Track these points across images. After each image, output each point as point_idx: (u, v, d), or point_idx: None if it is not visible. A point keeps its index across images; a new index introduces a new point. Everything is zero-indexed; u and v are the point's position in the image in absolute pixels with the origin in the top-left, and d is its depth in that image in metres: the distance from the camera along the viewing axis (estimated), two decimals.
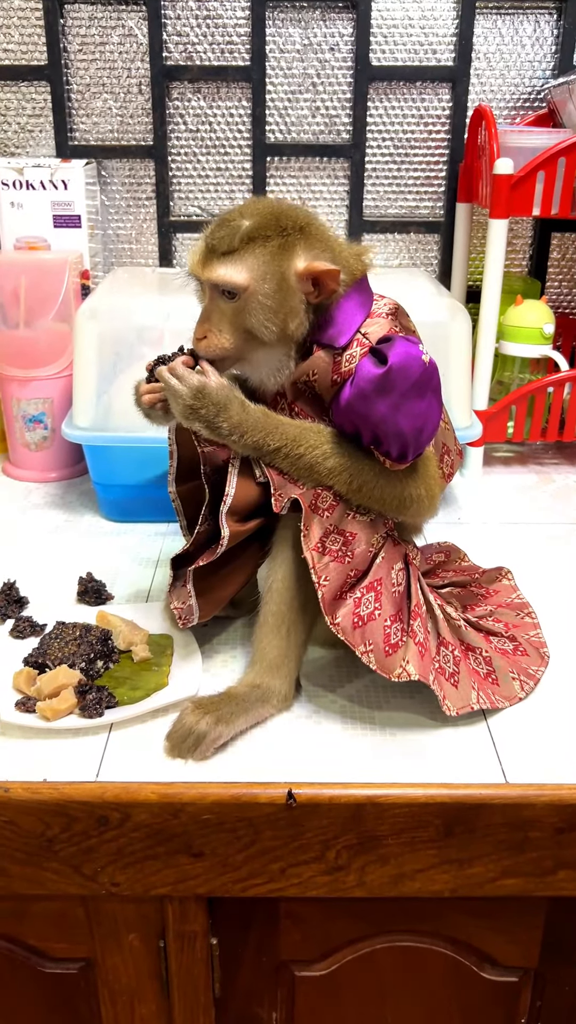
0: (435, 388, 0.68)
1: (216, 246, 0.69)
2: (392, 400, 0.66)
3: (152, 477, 1.03)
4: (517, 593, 0.88)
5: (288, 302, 0.68)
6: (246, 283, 0.68)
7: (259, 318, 0.68)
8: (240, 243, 0.68)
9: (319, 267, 0.68)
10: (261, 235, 0.68)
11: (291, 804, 0.65)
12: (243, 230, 0.68)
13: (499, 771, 0.68)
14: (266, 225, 0.68)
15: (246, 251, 0.68)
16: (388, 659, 0.69)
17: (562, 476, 1.23)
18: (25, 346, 1.14)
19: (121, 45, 1.31)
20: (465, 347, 1.07)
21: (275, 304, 0.68)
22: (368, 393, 0.66)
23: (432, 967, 0.76)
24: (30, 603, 0.88)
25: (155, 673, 0.77)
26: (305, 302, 0.69)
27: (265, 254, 0.68)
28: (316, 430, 0.71)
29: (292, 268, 0.68)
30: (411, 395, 0.66)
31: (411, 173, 1.38)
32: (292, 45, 1.31)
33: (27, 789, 0.65)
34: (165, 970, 0.74)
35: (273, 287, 0.68)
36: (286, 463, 0.70)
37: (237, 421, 0.69)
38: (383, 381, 0.66)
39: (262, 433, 0.70)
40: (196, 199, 1.39)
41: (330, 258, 0.69)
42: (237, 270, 0.68)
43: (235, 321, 0.69)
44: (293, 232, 0.68)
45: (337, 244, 0.72)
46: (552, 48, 1.32)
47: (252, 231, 0.68)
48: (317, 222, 0.71)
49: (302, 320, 0.69)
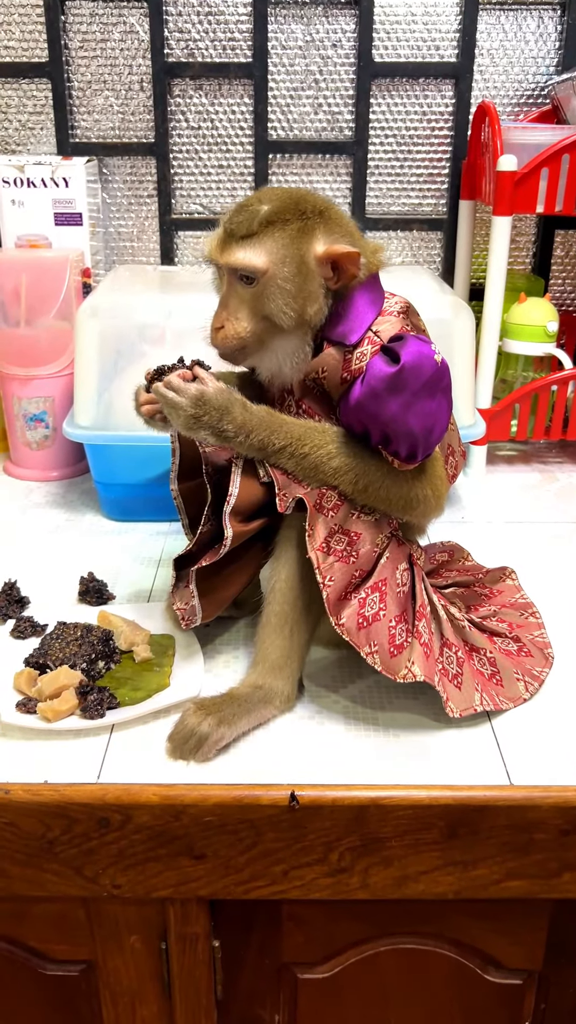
0: (445, 388, 0.68)
1: (235, 230, 0.68)
2: (403, 399, 0.65)
3: (154, 476, 1.03)
4: (521, 593, 0.88)
5: (307, 286, 0.68)
6: (265, 266, 0.67)
7: (278, 303, 0.68)
8: (259, 227, 0.67)
9: (339, 250, 0.67)
10: (280, 219, 0.67)
11: (294, 806, 0.64)
12: (262, 214, 0.67)
13: (503, 773, 0.67)
14: (285, 209, 0.68)
15: (265, 234, 0.67)
16: (393, 660, 0.68)
17: (566, 475, 1.23)
18: (26, 345, 1.13)
19: (122, 42, 1.30)
20: (468, 345, 1.06)
21: (294, 288, 0.67)
22: (379, 392, 0.66)
23: (435, 969, 0.75)
24: (31, 603, 0.88)
25: (157, 674, 0.76)
26: (324, 287, 0.69)
27: (284, 237, 0.67)
28: (321, 429, 0.70)
29: (312, 251, 0.68)
30: (422, 395, 0.66)
31: (414, 170, 1.37)
32: (294, 41, 1.30)
33: (28, 791, 0.65)
34: (167, 972, 0.74)
35: (292, 270, 0.67)
36: (291, 463, 0.70)
37: (241, 422, 0.68)
38: (395, 380, 0.65)
39: (267, 432, 0.69)
40: (198, 197, 1.38)
41: (350, 243, 0.69)
42: (256, 253, 0.67)
43: (254, 307, 0.69)
44: (313, 216, 0.68)
45: (357, 232, 0.71)
46: (556, 44, 1.31)
47: (271, 215, 0.67)
48: (336, 208, 0.71)
49: (321, 306, 0.69)
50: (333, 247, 0.67)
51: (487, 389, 1.18)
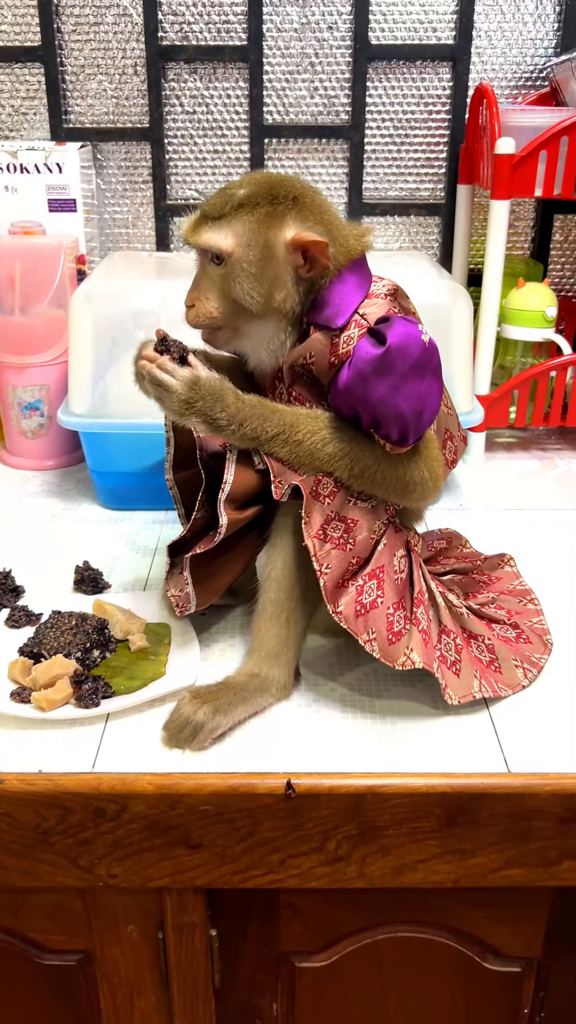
0: (435, 369, 0.67)
1: (208, 212, 0.69)
2: (391, 381, 0.65)
3: (149, 464, 1.02)
4: (519, 580, 0.87)
5: (273, 270, 0.67)
6: (230, 248, 0.67)
7: (244, 286, 0.67)
8: (230, 209, 0.67)
9: (306, 237, 0.66)
10: (251, 202, 0.67)
11: (290, 794, 0.64)
12: (236, 197, 0.67)
13: (501, 760, 0.67)
14: (258, 193, 0.67)
15: (234, 217, 0.67)
16: (392, 647, 0.67)
17: (565, 462, 1.22)
18: (20, 332, 1.12)
19: (116, 25, 1.29)
20: (467, 331, 1.05)
21: (259, 271, 0.67)
22: (367, 374, 0.65)
23: (434, 958, 0.75)
24: (26, 592, 0.87)
25: (152, 662, 0.76)
26: (294, 275, 0.68)
27: (252, 220, 0.67)
28: (314, 415, 0.70)
29: (280, 237, 0.67)
30: (411, 376, 0.65)
31: (411, 154, 1.36)
32: (290, 24, 1.29)
33: (22, 780, 0.64)
34: (164, 962, 0.73)
35: (257, 254, 0.67)
36: (284, 450, 0.69)
37: (234, 411, 0.68)
38: (382, 362, 0.64)
39: (259, 420, 0.68)
40: (193, 182, 1.37)
41: (323, 231, 0.68)
42: (223, 235, 0.67)
43: (222, 288, 0.69)
44: (285, 201, 0.67)
45: (334, 219, 0.70)
46: (555, 25, 1.29)
47: (243, 198, 0.67)
48: (314, 195, 0.70)
49: (290, 292, 0.68)
50: (300, 234, 0.67)
51: (485, 375, 1.17)
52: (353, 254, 0.70)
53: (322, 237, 0.67)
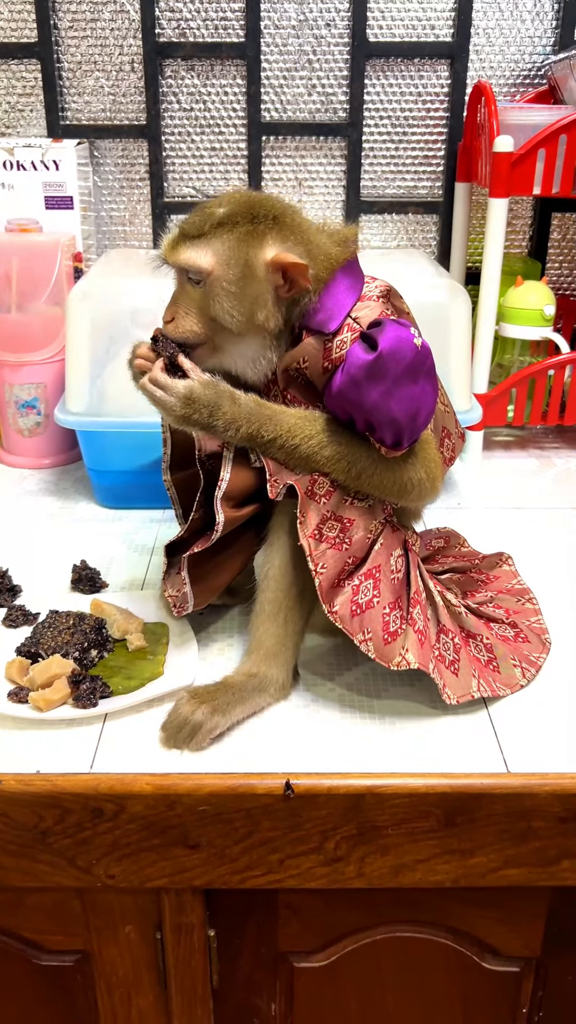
0: (428, 372, 0.67)
1: (187, 231, 0.68)
2: (384, 386, 0.64)
3: (147, 463, 1.02)
4: (518, 579, 0.87)
5: (253, 290, 0.67)
6: (209, 267, 0.66)
7: (223, 305, 0.67)
8: (209, 228, 0.67)
9: (286, 259, 0.66)
10: (231, 221, 0.67)
11: (289, 795, 0.64)
12: (215, 216, 0.67)
13: (501, 760, 0.66)
14: (238, 212, 0.67)
15: (213, 236, 0.67)
16: (387, 647, 0.67)
17: (563, 460, 1.22)
18: (17, 330, 1.12)
19: (113, 21, 1.28)
20: (465, 329, 1.05)
21: (239, 290, 0.67)
22: (359, 380, 0.65)
23: (433, 958, 0.75)
24: (23, 591, 0.87)
25: (150, 662, 0.75)
26: (274, 294, 0.67)
27: (231, 240, 0.66)
28: (311, 418, 0.69)
29: (260, 257, 0.67)
30: (404, 380, 0.65)
31: (409, 152, 1.35)
32: (287, 21, 1.28)
33: (20, 781, 0.64)
34: (162, 962, 0.73)
35: (237, 274, 0.66)
36: (281, 453, 0.69)
37: (231, 416, 0.68)
38: (374, 367, 0.64)
39: (256, 424, 0.68)
40: (190, 180, 1.37)
41: (303, 252, 0.67)
42: (202, 254, 0.67)
43: (201, 307, 0.68)
44: (265, 221, 0.67)
45: (315, 237, 0.70)
46: (553, 23, 1.29)
47: (223, 217, 0.67)
48: (294, 214, 0.70)
49: (271, 312, 0.68)
50: (280, 256, 0.66)
51: (483, 374, 1.17)
52: (337, 265, 0.69)
53: (302, 258, 0.66)
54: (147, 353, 0.70)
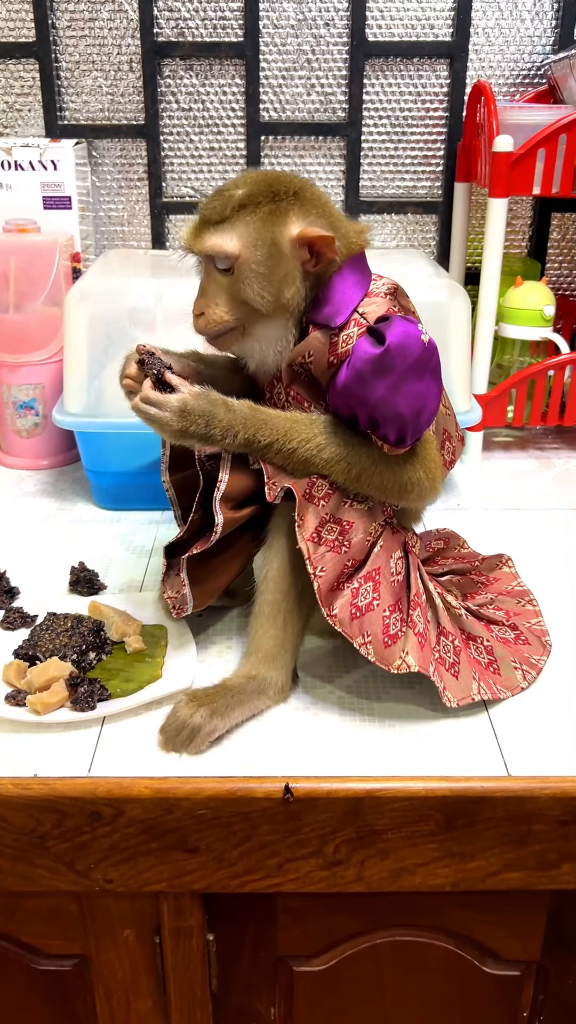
0: (434, 369, 0.66)
1: (208, 216, 0.67)
2: (390, 381, 0.64)
3: (145, 464, 1.01)
4: (518, 580, 0.87)
5: (282, 268, 0.66)
6: (237, 251, 0.66)
7: (254, 287, 0.66)
8: (231, 212, 0.66)
9: (313, 233, 0.66)
10: (252, 202, 0.66)
11: (288, 798, 0.63)
12: (235, 198, 0.66)
13: (501, 763, 0.66)
14: (258, 192, 0.66)
15: (237, 219, 0.66)
16: (387, 650, 0.67)
17: (563, 461, 1.21)
18: (15, 330, 1.11)
19: (111, 21, 1.28)
20: (464, 330, 1.05)
21: (268, 271, 0.66)
22: (365, 374, 0.64)
23: (433, 961, 0.74)
24: (21, 593, 0.86)
25: (149, 665, 0.75)
26: (301, 270, 0.67)
27: (256, 220, 0.66)
28: (308, 421, 0.69)
29: (285, 234, 0.66)
30: (409, 376, 0.64)
31: (408, 152, 1.35)
32: (286, 20, 1.28)
33: (17, 785, 0.64)
34: (161, 966, 0.73)
35: (265, 253, 0.66)
36: (279, 458, 0.68)
37: (227, 423, 0.67)
38: (381, 362, 0.64)
39: (253, 429, 0.68)
40: (189, 179, 1.36)
41: (326, 224, 0.67)
42: (228, 238, 0.66)
43: (231, 292, 0.68)
44: (286, 197, 0.67)
45: (335, 212, 0.70)
46: (552, 23, 1.29)
47: (243, 199, 0.66)
48: (313, 189, 0.69)
49: (299, 288, 0.67)
50: (307, 230, 0.66)
51: (483, 374, 1.16)
52: (354, 249, 0.70)
53: (327, 231, 0.66)
54: (135, 372, 0.70)
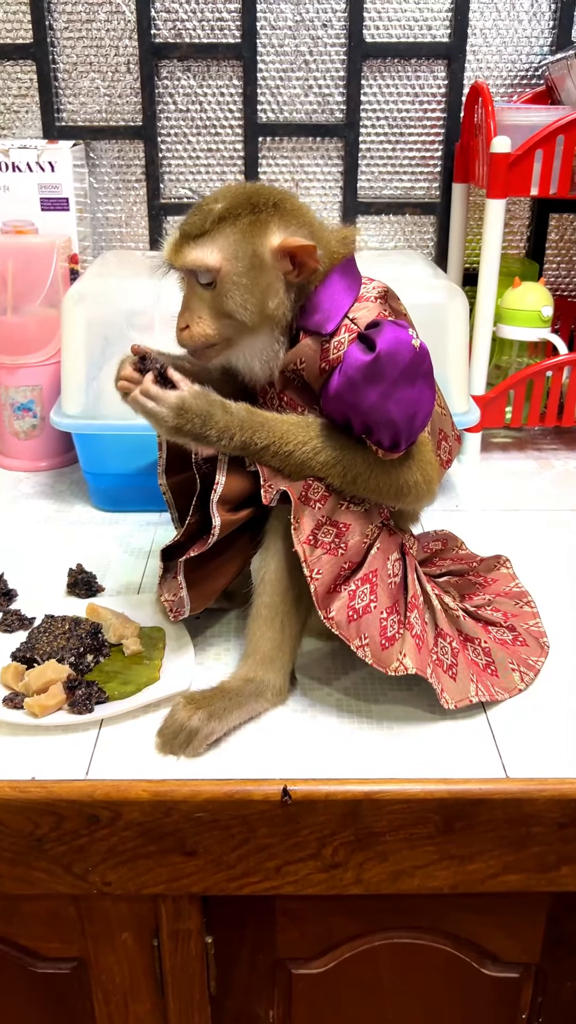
0: (426, 373, 0.66)
1: (188, 231, 0.67)
2: (382, 388, 0.64)
3: (143, 465, 1.01)
4: (516, 581, 0.87)
5: (264, 280, 0.66)
6: (218, 264, 0.66)
7: (236, 299, 0.66)
8: (211, 225, 0.66)
9: (293, 243, 0.66)
10: (232, 215, 0.66)
11: (286, 801, 0.63)
12: (215, 212, 0.66)
13: (499, 765, 0.66)
14: (238, 205, 0.66)
15: (217, 232, 0.66)
16: (384, 653, 0.67)
17: (561, 462, 1.21)
18: (13, 332, 1.11)
19: (108, 22, 1.28)
20: (462, 330, 1.05)
21: (250, 283, 0.66)
22: (356, 381, 0.64)
23: (432, 964, 0.74)
24: (18, 596, 0.86)
25: (146, 667, 0.75)
26: (284, 281, 0.67)
27: (236, 233, 0.66)
28: (304, 424, 0.69)
29: (266, 245, 0.66)
30: (401, 382, 0.64)
31: (406, 153, 1.35)
32: (284, 21, 1.28)
33: (15, 788, 0.64)
34: (159, 969, 0.73)
35: (246, 265, 0.66)
36: (276, 460, 0.68)
37: (224, 425, 0.67)
38: (372, 369, 0.63)
39: (249, 432, 0.67)
40: (187, 181, 1.36)
41: (307, 235, 0.67)
42: (208, 251, 0.66)
43: (214, 306, 0.67)
44: (266, 209, 0.67)
45: (316, 222, 0.70)
46: (550, 23, 1.29)
47: (223, 212, 0.66)
48: (293, 200, 0.69)
49: (282, 300, 0.67)
50: (287, 240, 0.66)
51: (481, 375, 1.16)
52: (337, 258, 0.69)
53: (308, 240, 0.66)
54: (131, 374, 0.70)
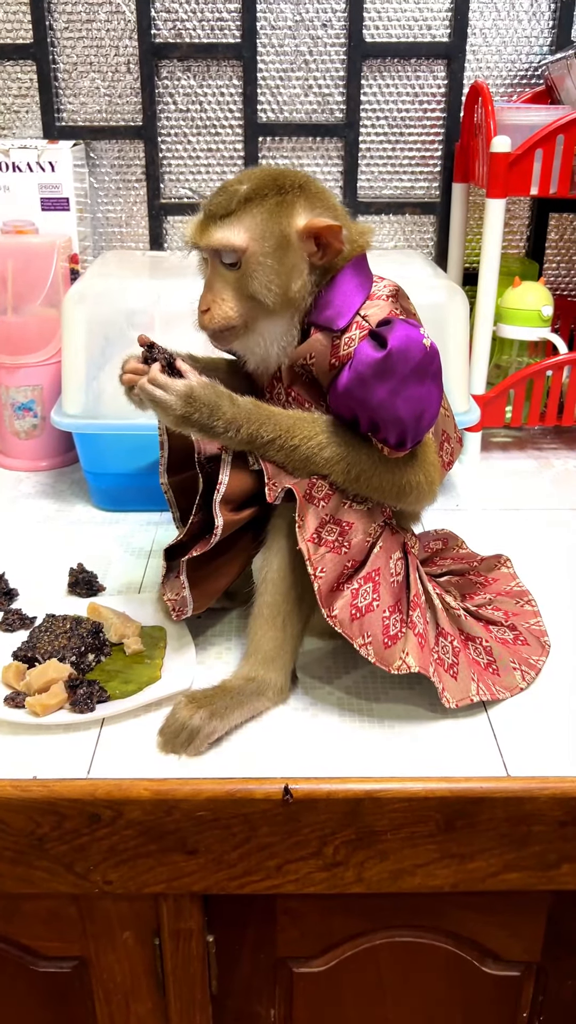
0: (435, 373, 0.66)
1: (214, 211, 0.67)
2: (391, 385, 0.64)
3: (144, 465, 1.01)
4: (516, 581, 0.87)
5: (289, 260, 0.66)
6: (245, 244, 0.66)
7: (261, 280, 0.66)
8: (237, 205, 0.66)
9: (320, 223, 0.66)
10: (258, 195, 0.66)
11: (287, 799, 0.63)
12: (241, 193, 0.66)
13: (500, 764, 0.66)
14: (263, 186, 0.66)
15: (243, 212, 0.66)
16: (387, 651, 0.67)
17: (561, 461, 1.21)
18: (13, 332, 1.11)
19: (108, 22, 1.28)
20: (463, 330, 1.05)
21: (276, 263, 0.66)
22: (367, 378, 0.64)
23: (433, 962, 0.74)
24: (20, 595, 0.86)
25: (148, 666, 0.75)
26: (308, 263, 0.67)
27: (263, 212, 0.66)
28: (311, 419, 0.69)
29: (292, 226, 0.66)
30: (411, 380, 0.64)
31: (406, 153, 1.35)
32: (284, 21, 1.28)
33: (16, 787, 0.64)
34: (160, 968, 0.73)
35: (273, 245, 0.66)
36: (280, 455, 0.68)
37: (231, 417, 0.67)
38: (382, 365, 0.64)
39: (256, 425, 0.67)
40: (187, 181, 1.36)
41: (332, 217, 0.67)
42: (235, 232, 0.66)
43: (238, 287, 0.67)
44: (292, 190, 0.67)
45: (339, 207, 0.70)
46: (549, 23, 1.29)
47: (249, 192, 0.66)
48: (317, 183, 0.69)
49: (305, 282, 0.67)
50: (314, 220, 0.66)
51: (481, 375, 1.16)
52: (356, 248, 0.69)
53: (333, 221, 0.66)
54: (137, 367, 0.70)
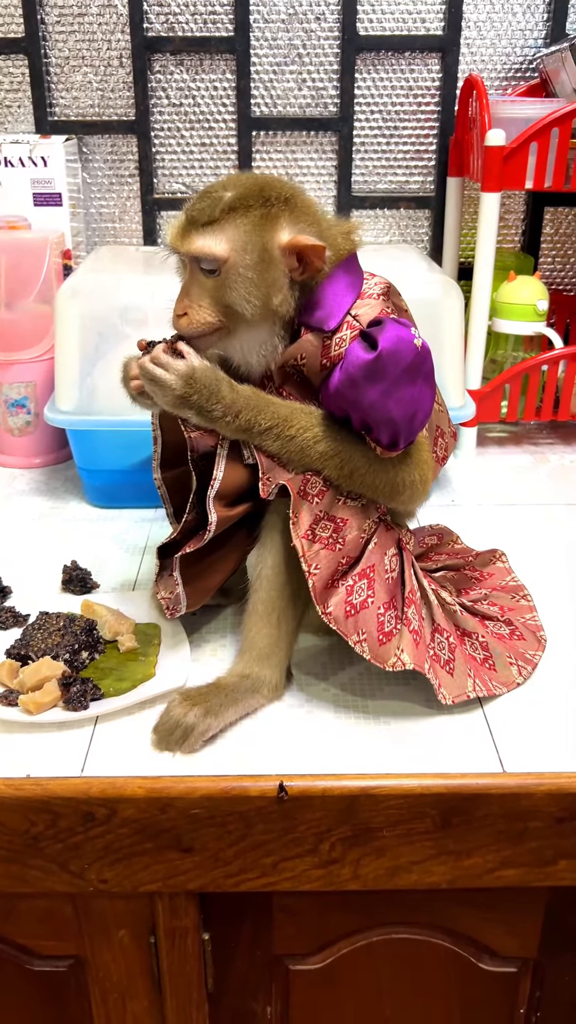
0: (427, 373, 0.66)
1: (196, 217, 0.66)
2: (383, 387, 0.63)
3: (138, 461, 1.01)
4: (512, 576, 0.86)
5: (270, 275, 0.65)
6: (226, 254, 0.65)
7: (240, 292, 0.65)
8: (221, 214, 0.65)
9: (303, 242, 0.65)
10: (243, 205, 0.65)
11: (283, 797, 0.63)
12: (225, 200, 0.65)
13: (496, 760, 0.66)
14: (249, 195, 0.65)
15: (227, 221, 0.65)
16: (382, 648, 0.67)
17: (557, 456, 1.21)
18: (6, 329, 1.11)
19: (100, 16, 1.27)
20: (458, 325, 1.04)
21: (256, 277, 0.65)
22: (358, 379, 0.64)
23: (430, 959, 0.74)
24: (13, 593, 0.86)
25: (142, 664, 0.75)
26: (288, 277, 0.66)
27: (246, 224, 0.65)
28: (308, 411, 0.69)
29: (275, 240, 0.65)
30: (402, 381, 0.64)
31: (400, 147, 1.35)
32: (277, 15, 1.27)
33: (10, 785, 0.63)
34: (156, 966, 0.73)
35: (254, 259, 0.65)
36: (276, 444, 0.68)
37: (229, 402, 0.66)
38: (373, 367, 0.63)
39: (254, 412, 0.67)
40: (180, 175, 1.36)
41: (316, 233, 0.67)
42: (216, 241, 0.65)
43: (216, 295, 0.66)
44: (277, 203, 0.66)
45: (324, 220, 0.69)
46: (544, 16, 1.28)
47: (234, 201, 0.65)
48: (303, 195, 0.68)
49: (286, 296, 0.67)
50: (297, 238, 0.65)
51: (477, 370, 1.16)
52: (342, 254, 0.69)
53: (317, 239, 0.65)
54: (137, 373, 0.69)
